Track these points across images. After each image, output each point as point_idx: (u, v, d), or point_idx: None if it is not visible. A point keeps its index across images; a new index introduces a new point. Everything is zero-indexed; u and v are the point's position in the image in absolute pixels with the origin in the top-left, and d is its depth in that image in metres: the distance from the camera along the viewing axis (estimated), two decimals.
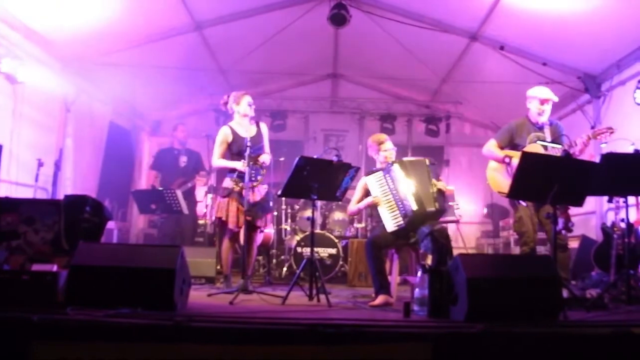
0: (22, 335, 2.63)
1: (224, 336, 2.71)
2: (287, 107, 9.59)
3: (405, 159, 4.64)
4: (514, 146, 4.90)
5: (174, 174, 7.09)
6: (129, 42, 6.65)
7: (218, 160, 5.16)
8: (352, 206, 4.85)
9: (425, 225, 4.35)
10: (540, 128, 4.89)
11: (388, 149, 4.77)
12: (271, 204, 5.52)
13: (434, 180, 4.56)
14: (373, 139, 4.91)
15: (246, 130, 5.11)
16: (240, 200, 4.95)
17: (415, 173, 4.55)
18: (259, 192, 5.06)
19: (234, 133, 5.13)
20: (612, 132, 4.59)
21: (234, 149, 5.12)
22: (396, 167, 4.55)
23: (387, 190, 4.56)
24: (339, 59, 9.14)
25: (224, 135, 5.14)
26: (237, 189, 5.01)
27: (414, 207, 4.42)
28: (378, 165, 4.82)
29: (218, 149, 5.15)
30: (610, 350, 2.75)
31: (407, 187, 4.48)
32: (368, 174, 4.71)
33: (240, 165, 4.89)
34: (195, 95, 8.87)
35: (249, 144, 4.72)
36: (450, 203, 6.29)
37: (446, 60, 7.84)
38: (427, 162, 4.65)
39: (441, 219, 4.87)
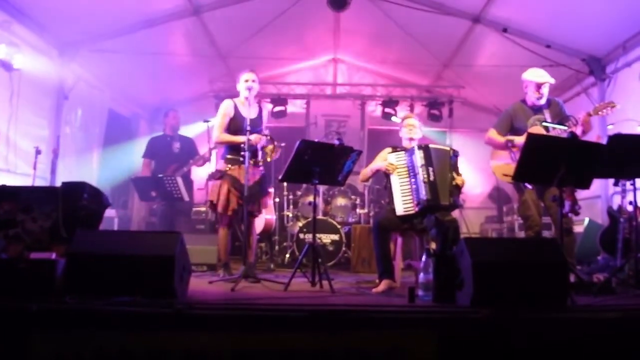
0: (20, 325, 2.59)
1: (226, 323, 2.67)
2: (288, 93, 9.48)
3: (431, 145, 4.46)
4: (514, 131, 4.85)
5: (167, 161, 6.90)
6: (126, 28, 6.53)
7: (221, 135, 4.91)
8: (366, 169, 4.76)
9: (435, 214, 4.27)
10: (539, 109, 4.82)
11: (415, 125, 4.75)
12: (271, 189, 5.42)
13: (454, 174, 4.45)
14: (406, 118, 4.90)
15: (247, 110, 4.86)
16: (234, 183, 4.84)
17: (437, 162, 4.40)
18: (253, 175, 4.85)
19: (236, 110, 4.97)
20: (613, 107, 4.50)
21: (232, 127, 4.92)
22: (419, 153, 4.42)
23: (406, 172, 4.48)
24: (340, 44, 9.02)
25: (226, 107, 4.97)
26: (229, 171, 4.89)
27: (428, 197, 4.30)
28: (404, 144, 4.75)
29: (219, 121, 4.93)
30: (620, 334, 2.71)
31: (426, 175, 4.36)
32: (392, 151, 4.64)
33: (244, 139, 4.55)
34: (194, 82, 8.77)
35: (248, 127, 4.55)
36: None
37: (448, 43, 7.73)
38: (451, 152, 4.52)
39: None
